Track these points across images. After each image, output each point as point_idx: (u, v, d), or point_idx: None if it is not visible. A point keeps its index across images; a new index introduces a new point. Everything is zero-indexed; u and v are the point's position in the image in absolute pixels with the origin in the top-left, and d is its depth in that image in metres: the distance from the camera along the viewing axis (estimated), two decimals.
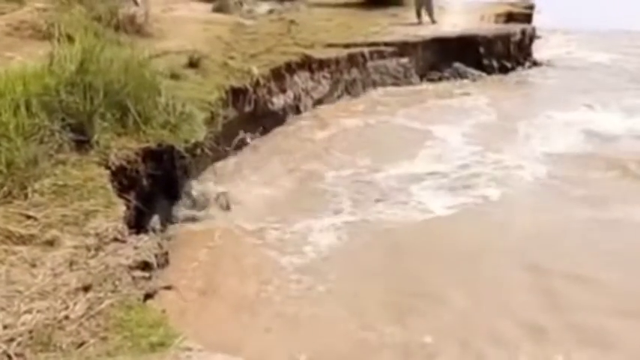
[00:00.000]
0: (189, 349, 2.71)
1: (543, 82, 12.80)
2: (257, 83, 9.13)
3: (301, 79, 10.62)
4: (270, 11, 15.06)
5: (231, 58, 9.52)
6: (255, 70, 9.23)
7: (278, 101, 9.88)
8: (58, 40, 5.84)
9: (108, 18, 8.75)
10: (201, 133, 6.25)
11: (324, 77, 11.13)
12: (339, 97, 11.33)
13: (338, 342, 4.52)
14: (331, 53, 11.27)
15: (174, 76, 7.61)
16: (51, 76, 5.07)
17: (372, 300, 5.07)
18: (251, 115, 8.95)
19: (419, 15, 13.83)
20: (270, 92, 9.65)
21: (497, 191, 7.29)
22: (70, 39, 5.88)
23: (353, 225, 6.41)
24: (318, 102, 10.81)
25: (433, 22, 13.69)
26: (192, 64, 8.35)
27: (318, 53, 11.01)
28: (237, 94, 8.48)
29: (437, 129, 9.52)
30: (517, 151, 8.59)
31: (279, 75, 9.93)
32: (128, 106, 5.42)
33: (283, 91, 10.02)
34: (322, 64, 10.97)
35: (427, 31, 13.10)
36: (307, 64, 10.66)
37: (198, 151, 6.33)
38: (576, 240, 6.18)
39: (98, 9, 8.99)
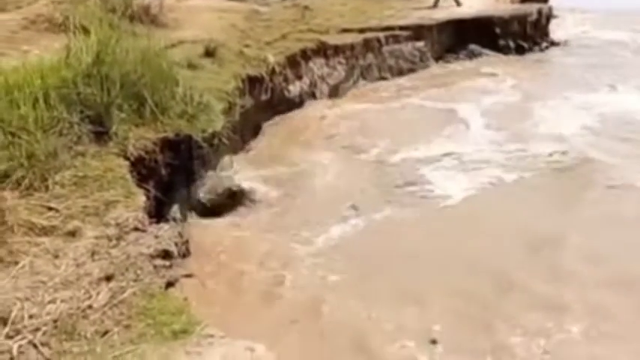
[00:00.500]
0: (211, 336, 2.75)
1: (562, 62, 12.67)
2: (273, 71, 9.14)
3: (317, 65, 10.60)
4: None
5: (247, 46, 9.52)
6: (271, 58, 9.23)
7: (294, 88, 9.89)
8: (74, 33, 5.89)
9: (122, 9, 8.76)
10: (218, 123, 6.28)
11: (339, 63, 11.10)
12: (354, 82, 11.32)
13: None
14: (346, 39, 11.23)
15: (191, 66, 7.62)
16: (68, 69, 5.10)
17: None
18: (267, 102, 8.97)
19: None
20: (286, 79, 9.66)
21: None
22: (86, 31, 5.91)
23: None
24: (334, 88, 10.80)
25: (458, 4, 13.49)
26: (209, 53, 8.36)
27: (333, 39, 10.97)
28: (253, 83, 8.50)
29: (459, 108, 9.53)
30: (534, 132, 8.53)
31: (295, 62, 9.92)
32: (145, 97, 5.44)
33: (299, 77, 10.02)
34: (337, 49, 10.94)
35: (442, 13, 12.98)
36: (322, 50, 10.64)
37: (216, 140, 6.37)
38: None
39: (113, 0, 9.00)
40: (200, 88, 6.56)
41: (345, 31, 11.47)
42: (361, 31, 11.58)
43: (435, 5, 13.57)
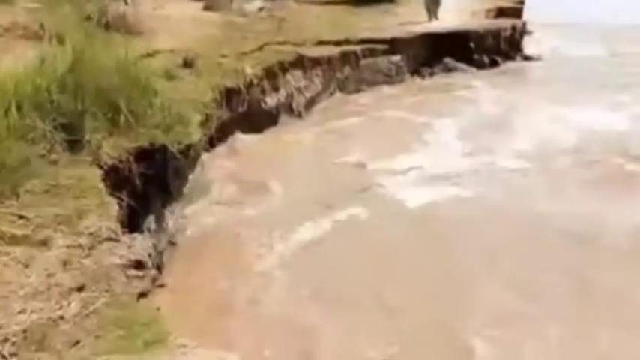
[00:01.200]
0: (184, 346, 2.73)
1: (532, 78, 12.88)
2: (250, 83, 9.14)
3: (294, 77, 10.63)
4: (261, 9, 15.06)
5: (224, 56, 9.52)
6: (249, 70, 9.23)
7: (271, 100, 9.88)
8: (49, 41, 5.85)
9: (98, 17, 8.74)
10: (195, 135, 6.28)
11: (316, 75, 11.14)
12: (331, 94, 11.38)
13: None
14: (324, 51, 11.29)
15: (169, 76, 7.61)
16: (42, 77, 5.06)
17: None
18: (244, 114, 8.97)
19: (430, 13, 13.83)
20: (263, 91, 9.65)
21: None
22: (61, 39, 5.88)
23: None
24: (311, 100, 10.83)
25: (435, 19, 13.70)
26: (187, 64, 8.35)
27: (311, 51, 11.02)
28: (230, 94, 8.50)
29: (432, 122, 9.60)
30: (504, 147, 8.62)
31: (272, 73, 9.93)
32: (120, 106, 5.42)
33: (276, 89, 10.03)
34: (315, 62, 10.99)
35: (418, 27, 13.14)
36: (300, 62, 10.67)
37: (192, 152, 6.36)
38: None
39: (88, 8, 8.97)
40: (177, 99, 6.57)
41: (322, 43, 11.54)
42: (337, 43, 11.66)
43: (430, 19, 13.75)
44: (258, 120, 9.34)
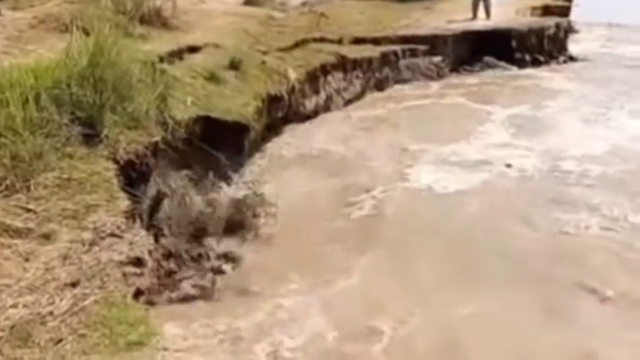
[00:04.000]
0: (166, 349, 2.69)
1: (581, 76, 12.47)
2: (293, 88, 9.07)
3: (335, 79, 10.53)
4: (303, 4, 15.02)
5: (265, 53, 9.48)
6: (292, 74, 9.11)
7: (310, 103, 9.80)
8: (77, 34, 5.89)
9: (133, 11, 8.79)
10: None
11: (356, 77, 11.02)
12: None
13: None
14: (364, 52, 11.14)
15: (213, 78, 7.61)
16: (62, 70, 5.09)
17: None
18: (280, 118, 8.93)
19: (475, 10, 13.52)
20: (303, 95, 9.57)
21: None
22: (89, 32, 5.92)
23: None
24: (348, 101, 10.72)
25: (487, 17, 13.38)
26: (233, 65, 8.27)
27: (351, 51, 10.89)
28: (272, 101, 8.45)
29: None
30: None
31: (314, 76, 9.84)
32: (141, 102, 5.43)
33: (316, 92, 9.95)
34: (355, 64, 10.86)
35: (459, 24, 12.88)
36: (341, 64, 10.55)
37: None
38: None
39: (124, 1, 9.03)
40: (220, 109, 6.77)
41: (359, 40, 11.40)
42: (374, 40, 11.51)
43: (475, 17, 13.44)
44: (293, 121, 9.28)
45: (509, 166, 7.67)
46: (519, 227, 6.23)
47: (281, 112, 8.83)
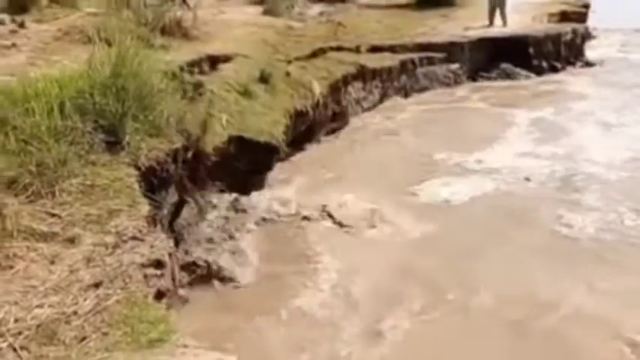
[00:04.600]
0: (185, 347, 2.79)
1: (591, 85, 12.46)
2: (317, 103, 9.20)
3: (354, 89, 10.65)
4: (321, 13, 15.19)
5: (289, 62, 9.62)
6: (317, 88, 9.22)
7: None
8: (99, 45, 6.05)
9: (154, 22, 8.98)
10: None
11: (375, 87, 11.12)
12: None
13: None
14: (383, 61, 11.24)
15: (246, 92, 7.82)
16: (86, 80, 5.24)
17: None
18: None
19: (491, 17, 13.57)
20: (326, 108, 9.70)
21: None
22: (112, 44, 6.08)
23: None
24: (367, 109, 10.84)
25: (504, 24, 13.43)
26: (263, 78, 8.43)
27: (370, 61, 11.00)
28: (298, 116, 8.62)
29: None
30: None
31: (337, 89, 9.97)
32: (162, 110, 5.57)
33: (338, 103, 10.07)
34: (374, 73, 10.98)
35: (475, 32, 12.93)
36: (361, 74, 10.67)
37: None
38: None
39: (145, 13, 9.23)
40: (251, 129, 7.09)
41: (376, 48, 11.50)
42: (391, 48, 11.61)
43: (492, 23, 13.49)
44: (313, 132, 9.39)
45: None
46: None
47: (304, 126, 8.94)
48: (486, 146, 8.80)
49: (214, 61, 8.79)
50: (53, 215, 3.99)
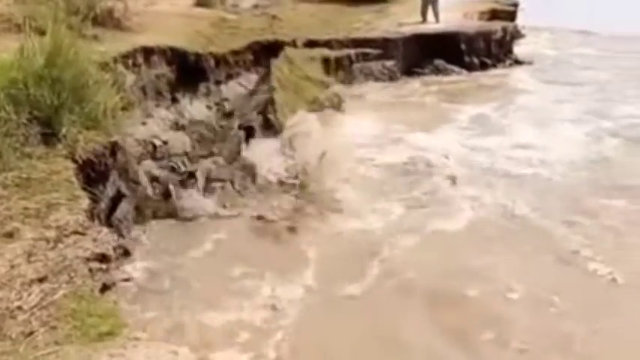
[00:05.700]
0: (137, 339, 2.75)
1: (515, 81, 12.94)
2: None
3: None
4: (255, 6, 15.05)
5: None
6: None
7: None
8: (30, 34, 5.85)
9: (85, 12, 8.71)
10: None
11: None
12: None
13: None
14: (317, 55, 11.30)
15: None
16: (19, 70, 5.06)
17: None
18: None
19: (424, 13, 13.79)
20: None
21: None
22: (43, 32, 5.88)
23: None
24: None
25: (437, 21, 13.67)
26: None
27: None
28: None
29: None
30: None
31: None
32: (98, 101, 5.43)
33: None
34: None
35: (408, 27, 13.15)
36: None
37: None
38: None
39: (76, 2, 8.95)
40: None
41: (311, 43, 11.54)
42: (327, 43, 11.67)
43: (425, 20, 13.71)
44: None
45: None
46: None
47: None
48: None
49: (149, 53, 8.62)
50: None
